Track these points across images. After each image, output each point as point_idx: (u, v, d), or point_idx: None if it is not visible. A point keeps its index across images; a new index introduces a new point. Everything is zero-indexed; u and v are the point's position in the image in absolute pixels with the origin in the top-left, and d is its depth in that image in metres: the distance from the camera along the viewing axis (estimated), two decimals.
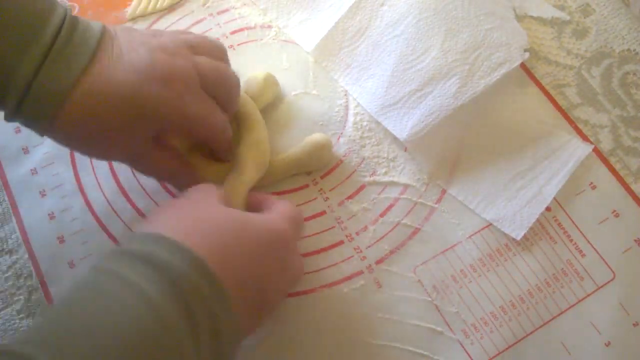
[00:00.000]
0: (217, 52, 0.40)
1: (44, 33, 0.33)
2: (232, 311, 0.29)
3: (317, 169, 0.45)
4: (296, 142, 0.45)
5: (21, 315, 0.41)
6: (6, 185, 0.45)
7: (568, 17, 0.51)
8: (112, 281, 0.27)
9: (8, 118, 0.34)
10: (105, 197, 0.44)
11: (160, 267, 0.27)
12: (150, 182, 0.44)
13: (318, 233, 0.43)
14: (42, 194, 0.44)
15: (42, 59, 0.32)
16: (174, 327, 0.26)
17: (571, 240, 0.43)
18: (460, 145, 0.46)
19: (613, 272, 0.42)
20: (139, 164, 0.39)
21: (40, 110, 0.33)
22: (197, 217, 0.32)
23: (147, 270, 0.27)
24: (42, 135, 0.35)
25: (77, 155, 0.46)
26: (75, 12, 0.51)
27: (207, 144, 0.41)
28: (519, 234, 0.42)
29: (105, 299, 0.26)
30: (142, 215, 0.44)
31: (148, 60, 0.35)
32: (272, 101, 0.46)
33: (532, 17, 0.51)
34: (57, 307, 0.27)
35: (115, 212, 0.44)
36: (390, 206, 0.44)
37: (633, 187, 0.45)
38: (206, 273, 0.28)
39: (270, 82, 0.46)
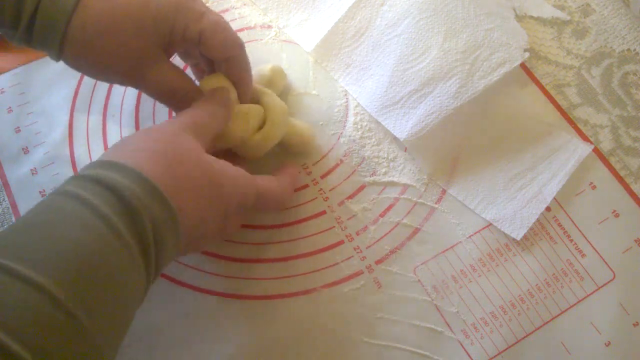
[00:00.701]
0: None
1: None
2: (178, 231, 0.30)
3: (299, 151, 0.45)
4: (295, 145, 0.46)
5: None
6: (6, 185, 0.45)
7: (568, 17, 0.51)
8: (68, 200, 0.28)
9: (23, 43, 0.36)
10: None
11: (110, 186, 0.28)
12: None
13: (318, 233, 0.43)
14: (42, 194, 0.44)
15: None
16: (124, 239, 0.28)
17: (571, 240, 0.43)
18: (460, 145, 0.46)
19: (613, 272, 0.42)
20: (148, 77, 0.39)
21: (52, 21, 0.34)
22: (157, 147, 0.32)
23: (100, 189, 0.28)
24: (57, 58, 0.37)
25: (77, 155, 0.46)
26: None
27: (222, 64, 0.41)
28: (519, 234, 0.42)
29: (62, 214, 0.27)
30: None
31: None
32: (280, 93, 0.46)
33: (532, 17, 0.51)
34: (17, 223, 0.28)
35: None
36: (390, 206, 0.44)
37: (633, 187, 0.45)
38: (157, 194, 0.29)
39: (277, 73, 0.46)
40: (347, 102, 0.48)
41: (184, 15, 0.37)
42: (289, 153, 0.45)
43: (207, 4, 0.51)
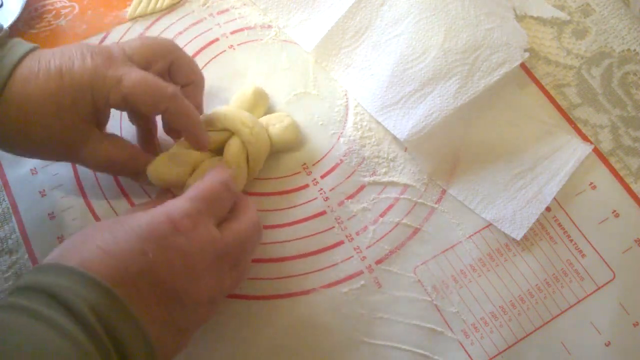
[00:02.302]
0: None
1: None
2: (146, 333, 0.28)
3: (290, 150, 0.45)
4: (303, 140, 0.46)
5: None
6: (6, 185, 0.45)
7: (568, 17, 0.51)
8: (20, 315, 0.26)
9: None
10: (105, 197, 0.44)
11: (61, 297, 0.27)
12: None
13: (318, 233, 0.43)
14: (42, 194, 0.44)
15: None
16: (88, 353, 0.26)
17: (571, 240, 0.43)
18: (460, 145, 0.46)
19: (613, 272, 0.42)
20: (85, 155, 0.39)
21: None
22: (105, 242, 0.30)
23: (51, 301, 0.27)
24: None
25: None
26: (75, 12, 0.51)
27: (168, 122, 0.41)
28: (519, 234, 0.42)
29: (17, 334, 0.25)
30: None
31: (78, 55, 0.37)
32: (263, 114, 0.46)
33: (532, 17, 0.51)
34: None
35: (115, 212, 0.44)
36: (390, 206, 0.44)
37: (633, 187, 0.45)
38: (112, 299, 0.28)
39: (259, 95, 0.45)
40: (347, 102, 0.48)
41: (100, 86, 0.36)
42: (285, 153, 0.45)
43: (207, 5, 0.52)
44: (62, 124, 0.37)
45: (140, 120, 0.44)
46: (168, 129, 0.43)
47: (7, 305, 0.27)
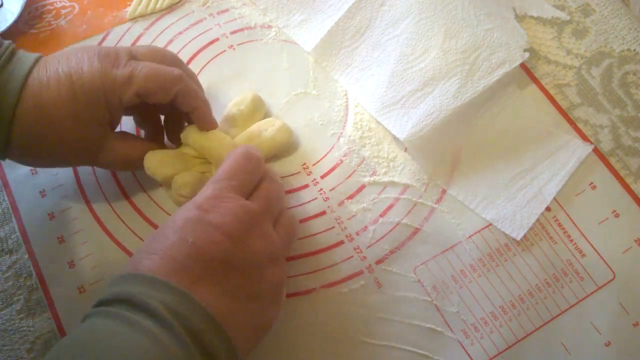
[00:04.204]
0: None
1: None
2: (229, 340, 0.30)
3: (272, 148, 0.44)
4: (295, 142, 0.46)
5: (21, 316, 0.41)
6: (6, 185, 0.45)
7: (568, 17, 0.51)
8: (115, 322, 0.28)
9: None
10: (105, 197, 0.44)
11: (153, 309, 0.28)
12: (150, 183, 0.44)
13: (318, 233, 0.43)
14: (42, 194, 0.44)
15: None
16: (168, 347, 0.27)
17: (571, 240, 0.43)
18: (460, 145, 0.46)
19: (613, 272, 0.42)
20: (103, 157, 0.39)
21: None
22: (151, 248, 0.32)
23: (145, 312, 0.28)
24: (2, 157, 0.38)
25: None
26: (75, 12, 0.51)
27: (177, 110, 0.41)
28: (519, 234, 0.42)
29: (112, 338, 0.27)
30: (142, 215, 0.44)
31: (85, 59, 0.38)
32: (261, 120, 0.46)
33: (532, 17, 0.51)
34: (69, 349, 0.28)
35: (115, 212, 0.44)
36: (390, 206, 0.44)
37: (633, 187, 0.45)
38: (200, 311, 0.29)
39: (257, 102, 0.46)
40: (347, 102, 0.48)
41: (111, 88, 0.37)
42: (285, 153, 0.45)
43: (207, 5, 0.52)
44: (78, 128, 0.37)
45: (149, 123, 0.44)
46: (171, 135, 0.44)
47: (108, 313, 0.29)
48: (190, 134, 0.41)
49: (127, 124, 0.46)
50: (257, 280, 0.33)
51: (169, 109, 0.42)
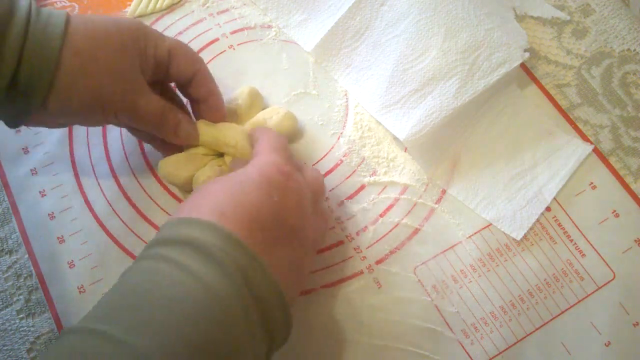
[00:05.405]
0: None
1: (17, 12, 0.34)
2: (272, 278, 0.31)
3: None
4: (296, 142, 0.46)
5: (21, 316, 0.41)
6: (6, 185, 0.45)
7: (568, 17, 0.51)
8: (166, 265, 0.29)
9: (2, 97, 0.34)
10: (105, 197, 0.44)
11: (205, 251, 0.29)
12: (150, 183, 0.44)
13: None
14: (42, 194, 0.44)
15: (25, 27, 0.34)
16: (228, 305, 0.28)
17: (571, 240, 0.43)
18: (460, 145, 0.46)
19: (613, 272, 0.42)
20: (144, 103, 0.38)
21: (39, 67, 0.34)
22: (234, 194, 0.33)
23: (195, 254, 0.29)
24: (34, 111, 0.36)
25: (77, 155, 0.46)
26: (74, 13, 0.51)
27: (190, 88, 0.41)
28: (519, 234, 0.43)
29: (161, 280, 0.28)
30: (142, 215, 0.44)
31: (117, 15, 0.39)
32: (257, 113, 0.46)
33: (532, 17, 0.51)
34: (118, 290, 0.29)
35: (115, 212, 0.44)
36: (390, 206, 0.44)
37: (633, 187, 0.45)
38: (247, 252, 0.30)
39: (255, 95, 0.46)
40: (347, 102, 0.48)
41: (151, 36, 0.38)
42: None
43: (207, 5, 0.52)
44: (126, 60, 0.37)
45: (142, 132, 0.43)
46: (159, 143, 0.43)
47: (159, 257, 0.29)
48: (201, 128, 0.41)
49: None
50: (306, 253, 0.35)
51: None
